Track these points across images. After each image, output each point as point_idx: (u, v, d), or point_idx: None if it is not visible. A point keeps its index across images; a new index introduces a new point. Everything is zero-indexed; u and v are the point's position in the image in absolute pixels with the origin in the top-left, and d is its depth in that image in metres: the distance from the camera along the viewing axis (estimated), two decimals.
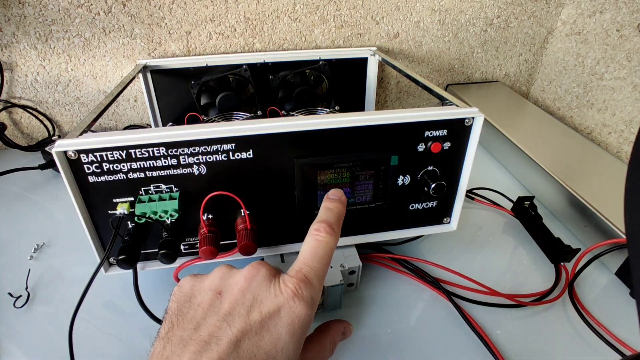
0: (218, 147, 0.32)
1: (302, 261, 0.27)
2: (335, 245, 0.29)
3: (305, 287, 0.25)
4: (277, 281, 0.26)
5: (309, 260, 0.27)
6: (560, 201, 0.52)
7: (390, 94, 0.79)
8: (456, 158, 0.38)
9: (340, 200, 0.32)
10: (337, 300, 0.39)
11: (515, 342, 0.37)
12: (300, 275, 0.26)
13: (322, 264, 0.27)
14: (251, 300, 0.25)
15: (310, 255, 0.27)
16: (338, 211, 0.31)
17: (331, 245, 0.28)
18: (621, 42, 0.64)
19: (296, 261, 0.27)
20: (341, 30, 0.69)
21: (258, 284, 0.26)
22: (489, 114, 0.68)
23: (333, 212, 0.31)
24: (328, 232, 0.28)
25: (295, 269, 0.27)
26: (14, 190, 0.57)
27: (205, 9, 0.62)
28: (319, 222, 0.29)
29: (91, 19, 0.59)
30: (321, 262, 0.27)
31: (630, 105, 0.64)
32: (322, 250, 0.28)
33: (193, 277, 0.28)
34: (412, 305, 0.41)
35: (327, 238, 0.28)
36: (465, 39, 0.75)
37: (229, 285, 0.26)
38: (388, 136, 0.35)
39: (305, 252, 0.28)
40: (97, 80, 0.65)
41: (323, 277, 0.27)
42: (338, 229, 0.30)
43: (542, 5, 0.75)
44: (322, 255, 0.27)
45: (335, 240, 0.29)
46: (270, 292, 0.25)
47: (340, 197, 0.32)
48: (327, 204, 0.32)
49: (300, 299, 0.25)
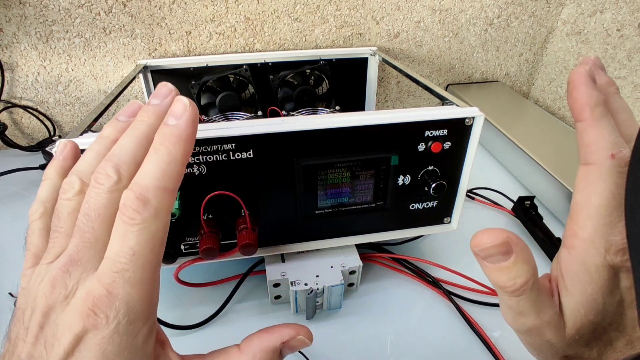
0: (218, 147, 0.32)
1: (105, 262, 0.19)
2: (161, 228, 0.19)
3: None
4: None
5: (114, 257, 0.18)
6: (561, 201, 0.52)
7: (391, 94, 0.79)
8: (456, 158, 0.38)
9: (174, 115, 0.21)
10: (337, 300, 0.39)
11: (515, 342, 0.37)
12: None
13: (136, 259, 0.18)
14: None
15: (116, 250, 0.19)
16: (166, 151, 0.20)
17: (152, 230, 0.19)
18: (622, 42, 0.64)
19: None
20: (341, 30, 0.69)
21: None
22: (490, 113, 0.68)
23: (158, 161, 0.19)
24: (138, 211, 0.18)
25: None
26: (15, 190, 0.57)
27: (206, 9, 0.62)
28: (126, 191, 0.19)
29: (92, 19, 0.59)
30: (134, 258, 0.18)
31: (630, 105, 0.63)
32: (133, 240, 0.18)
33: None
34: (413, 305, 0.41)
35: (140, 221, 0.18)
36: (466, 38, 0.75)
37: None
38: (388, 136, 0.35)
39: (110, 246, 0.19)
40: (97, 81, 0.65)
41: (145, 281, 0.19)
42: (164, 195, 0.19)
43: (543, 4, 0.75)
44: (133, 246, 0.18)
45: (159, 222, 0.19)
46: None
47: (169, 102, 0.22)
48: (137, 125, 0.22)
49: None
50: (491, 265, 0.20)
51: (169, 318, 0.37)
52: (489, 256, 0.19)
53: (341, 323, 0.39)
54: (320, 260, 0.40)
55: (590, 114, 0.20)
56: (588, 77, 0.20)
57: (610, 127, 0.20)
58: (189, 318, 0.38)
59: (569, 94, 0.21)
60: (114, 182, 0.19)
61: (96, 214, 0.19)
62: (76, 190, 0.21)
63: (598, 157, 0.20)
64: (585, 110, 0.20)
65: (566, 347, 0.21)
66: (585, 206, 0.20)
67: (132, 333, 0.18)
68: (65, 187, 0.21)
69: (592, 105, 0.20)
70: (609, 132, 0.20)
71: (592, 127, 0.20)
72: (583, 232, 0.20)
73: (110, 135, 0.23)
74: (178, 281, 0.38)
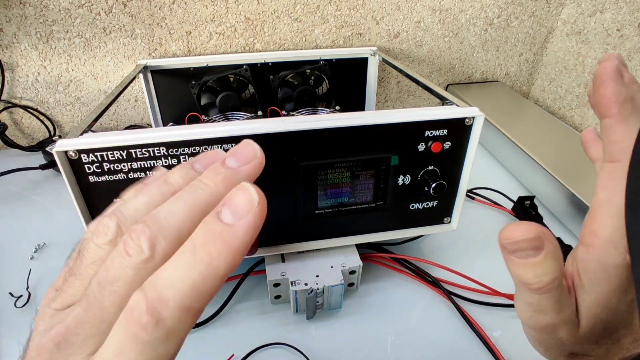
0: (219, 147, 0.32)
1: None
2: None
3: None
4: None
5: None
6: (561, 201, 0.52)
7: (391, 94, 0.79)
8: (456, 158, 0.38)
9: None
10: (338, 300, 0.39)
11: (515, 342, 0.37)
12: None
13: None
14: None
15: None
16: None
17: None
18: (622, 42, 0.64)
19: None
20: (341, 30, 0.69)
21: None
22: (490, 113, 0.68)
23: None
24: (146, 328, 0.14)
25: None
26: (15, 190, 0.57)
27: (206, 9, 0.62)
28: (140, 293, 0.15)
29: (92, 19, 0.59)
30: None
31: None
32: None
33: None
34: (413, 305, 0.41)
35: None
36: (466, 38, 0.75)
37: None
38: (388, 136, 0.35)
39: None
40: (97, 81, 0.65)
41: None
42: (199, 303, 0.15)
43: (543, 4, 0.75)
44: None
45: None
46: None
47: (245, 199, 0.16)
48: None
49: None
50: (519, 260, 0.18)
51: None
52: (517, 250, 0.18)
53: (341, 323, 0.39)
54: (320, 260, 0.40)
55: (619, 110, 0.19)
56: (617, 73, 0.19)
57: (638, 125, 0.19)
58: None
59: (596, 89, 0.20)
60: (144, 259, 0.15)
61: (111, 289, 0.15)
62: (109, 239, 0.17)
63: (625, 156, 0.19)
64: (614, 107, 0.19)
65: (576, 344, 0.21)
66: (608, 204, 0.19)
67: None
68: (100, 229, 0.18)
69: (620, 102, 0.19)
70: (636, 130, 0.19)
71: (620, 124, 0.19)
72: (604, 230, 0.19)
73: (175, 184, 0.19)
74: None
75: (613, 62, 0.20)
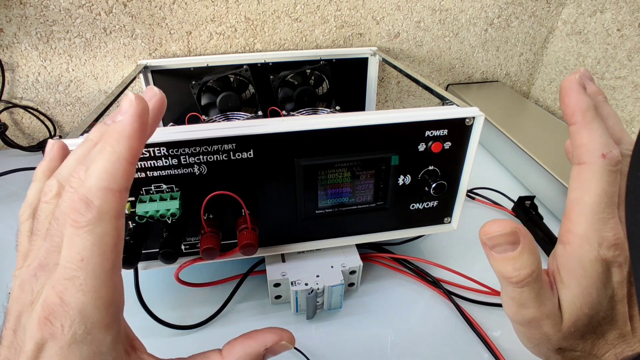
0: (219, 147, 0.32)
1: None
2: (112, 232, 0.18)
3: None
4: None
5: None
6: (561, 201, 0.52)
7: (391, 94, 0.79)
8: (457, 158, 0.38)
9: (129, 114, 0.19)
10: (338, 300, 0.39)
11: (515, 342, 0.37)
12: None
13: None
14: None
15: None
16: (112, 150, 0.19)
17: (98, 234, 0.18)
18: (622, 42, 0.64)
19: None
20: (342, 30, 0.69)
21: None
22: (490, 113, 0.68)
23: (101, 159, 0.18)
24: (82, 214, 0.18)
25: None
26: (15, 190, 0.57)
27: (206, 9, 0.62)
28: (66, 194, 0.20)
29: (92, 20, 0.59)
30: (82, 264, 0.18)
31: (630, 105, 0.64)
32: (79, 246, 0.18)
33: None
34: (413, 305, 0.41)
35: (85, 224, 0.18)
36: (466, 38, 0.75)
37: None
38: (389, 136, 0.35)
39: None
40: (98, 81, 0.65)
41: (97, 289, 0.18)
42: (113, 198, 0.18)
43: (543, 4, 0.75)
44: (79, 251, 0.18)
45: (109, 226, 0.18)
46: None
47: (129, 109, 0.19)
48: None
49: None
50: (498, 255, 0.20)
51: (170, 318, 0.37)
52: (496, 245, 0.20)
53: (341, 323, 0.39)
54: (320, 260, 0.40)
55: (582, 117, 0.21)
56: (579, 84, 0.22)
57: (601, 129, 0.21)
58: (189, 318, 0.38)
59: (562, 100, 0.22)
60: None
61: (65, 218, 0.19)
62: (54, 194, 0.21)
63: (590, 157, 0.21)
64: (577, 114, 0.21)
65: (562, 339, 0.22)
66: (579, 204, 0.21)
67: (93, 342, 0.17)
68: (45, 190, 0.22)
69: (583, 109, 0.21)
70: (599, 134, 0.21)
71: (584, 130, 0.21)
72: (578, 228, 0.21)
73: (95, 139, 0.23)
74: (179, 281, 0.38)
75: (575, 75, 0.22)
